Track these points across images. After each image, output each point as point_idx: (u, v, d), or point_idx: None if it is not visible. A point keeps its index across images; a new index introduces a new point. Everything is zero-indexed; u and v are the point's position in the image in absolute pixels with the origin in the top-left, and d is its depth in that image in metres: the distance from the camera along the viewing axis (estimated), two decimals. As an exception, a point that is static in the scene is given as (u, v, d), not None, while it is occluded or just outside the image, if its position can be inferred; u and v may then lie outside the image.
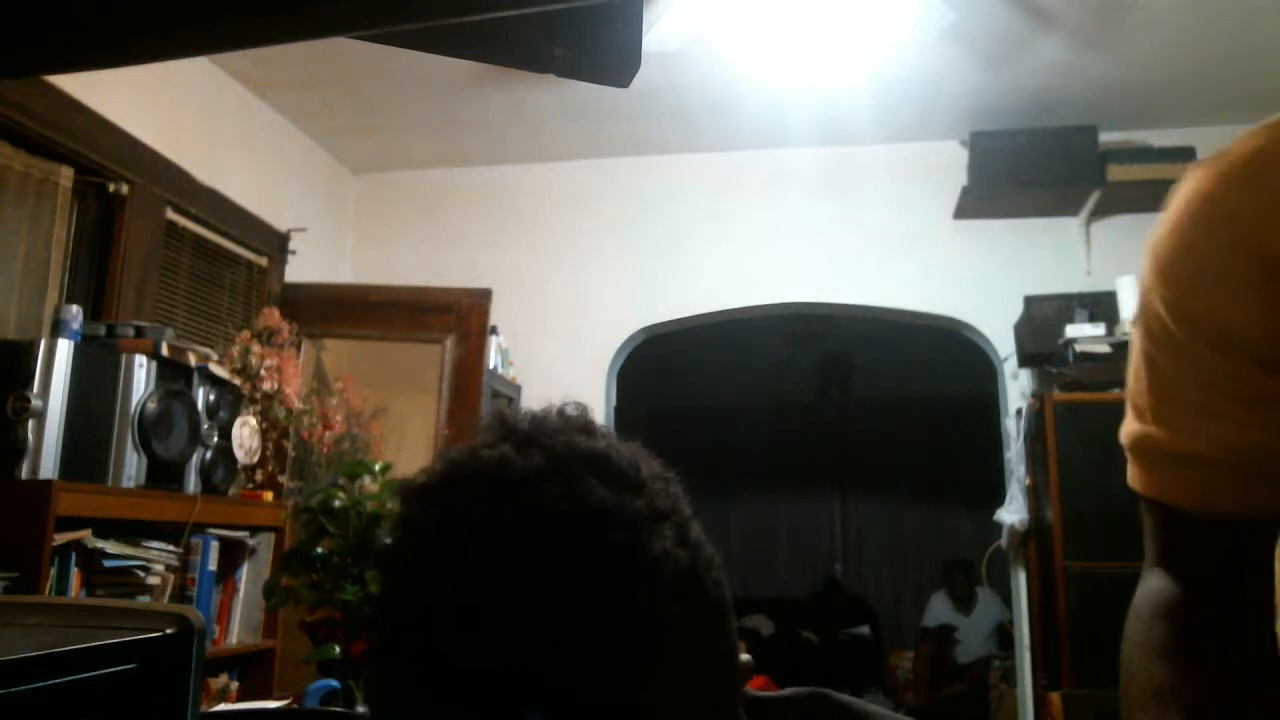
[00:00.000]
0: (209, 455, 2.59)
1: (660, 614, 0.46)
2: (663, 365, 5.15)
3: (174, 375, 2.49)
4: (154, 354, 2.44)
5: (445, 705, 0.46)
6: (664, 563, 0.46)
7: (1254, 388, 0.68)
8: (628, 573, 0.45)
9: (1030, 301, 3.55)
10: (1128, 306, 3.36)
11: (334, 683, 1.74)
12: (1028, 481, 3.35)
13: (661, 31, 2.70)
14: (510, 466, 0.49)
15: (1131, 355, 0.77)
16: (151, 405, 2.38)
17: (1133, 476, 0.79)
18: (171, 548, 2.43)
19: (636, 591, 0.45)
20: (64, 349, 2.20)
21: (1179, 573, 0.78)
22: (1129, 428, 0.78)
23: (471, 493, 0.49)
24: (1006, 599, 4.81)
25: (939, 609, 6.12)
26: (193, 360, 2.58)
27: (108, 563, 2.23)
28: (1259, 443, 0.69)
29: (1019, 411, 3.54)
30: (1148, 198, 3.65)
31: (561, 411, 0.54)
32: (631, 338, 4.09)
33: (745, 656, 0.57)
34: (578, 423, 0.53)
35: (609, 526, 0.46)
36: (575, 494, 0.47)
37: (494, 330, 3.79)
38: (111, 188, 2.88)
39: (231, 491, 2.77)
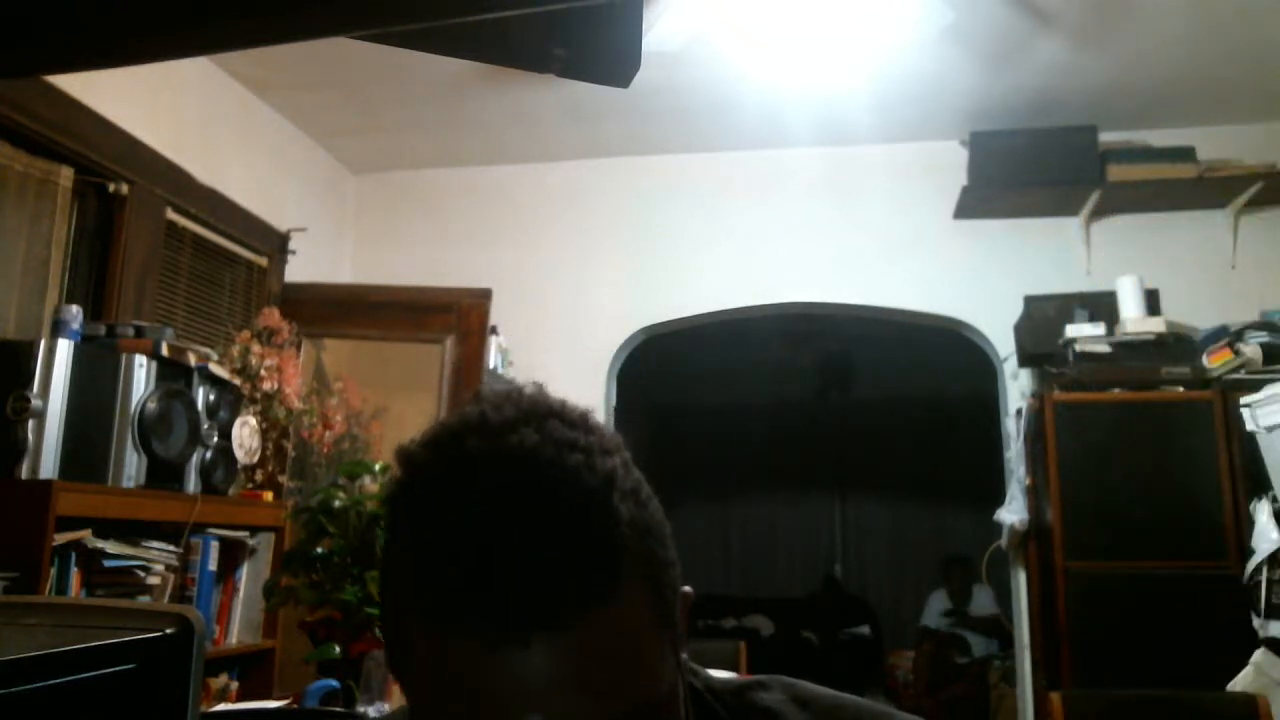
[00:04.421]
0: (209, 455, 2.59)
1: (619, 515, 0.58)
2: (663, 365, 5.14)
3: (174, 375, 2.49)
4: (154, 354, 2.44)
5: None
6: (615, 476, 0.60)
7: None
8: (591, 485, 0.58)
9: (1030, 301, 3.54)
10: (1128, 306, 3.35)
11: (334, 683, 1.74)
12: (1028, 481, 3.35)
13: (661, 31, 2.69)
14: (488, 419, 0.61)
15: None
16: (151, 405, 2.38)
17: None
18: (171, 548, 2.43)
19: (601, 496, 0.58)
20: (64, 349, 2.20)
21: None
22: None
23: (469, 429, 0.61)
24: (1004, 596, 4.81)
25: (937, 607, 6.12)
26: (193, 360, 2.58)
27: (108, 563, 2.23)
28: None
29: (1019, 411, 3.53)
30: (1148, 198, 3.65)
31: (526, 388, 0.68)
32: (631, 338, 4.08)
33: (687, 588, 0.66)
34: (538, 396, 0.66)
35: (572, 450, 0.59)
36: (544, 432, 0.60)
37: (494, 330, 3.79)
38: (111, 188, 2.88)
39: (231, 491, 2.77)
